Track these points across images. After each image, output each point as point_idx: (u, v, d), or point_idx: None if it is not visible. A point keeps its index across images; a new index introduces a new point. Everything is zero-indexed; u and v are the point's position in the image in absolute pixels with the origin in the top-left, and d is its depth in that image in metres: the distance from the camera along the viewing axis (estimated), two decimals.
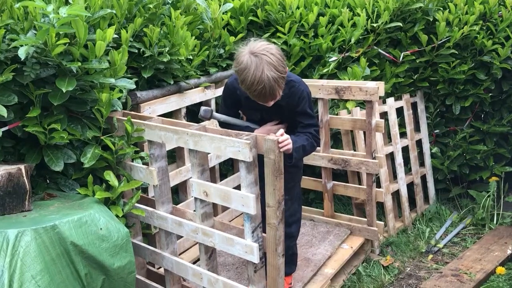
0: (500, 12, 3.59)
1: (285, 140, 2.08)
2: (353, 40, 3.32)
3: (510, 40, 3.51)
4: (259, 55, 2.07)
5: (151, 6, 2.65)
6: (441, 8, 3.55)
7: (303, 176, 3.32)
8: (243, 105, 2.41)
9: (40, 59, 2.05)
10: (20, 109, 2.09)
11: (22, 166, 1.97)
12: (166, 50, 2.65)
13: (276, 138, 1.97)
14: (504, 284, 2.79)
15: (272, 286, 2.10)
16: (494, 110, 3.85)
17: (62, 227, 1.80)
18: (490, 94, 3.73)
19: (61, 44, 1.99)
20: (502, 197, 3.68)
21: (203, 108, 2.41)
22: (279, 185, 1.96)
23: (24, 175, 1.96)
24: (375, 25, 3.38)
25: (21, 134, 2.10)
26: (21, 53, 1.88)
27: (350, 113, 3.25)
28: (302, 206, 3.37)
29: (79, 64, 2.08)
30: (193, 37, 2.84)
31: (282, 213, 2.02)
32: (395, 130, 3.53)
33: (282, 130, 2.13)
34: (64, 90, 2.02)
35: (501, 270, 2.89)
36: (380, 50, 3.47)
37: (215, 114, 2.44)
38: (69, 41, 2.06)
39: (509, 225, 3.46)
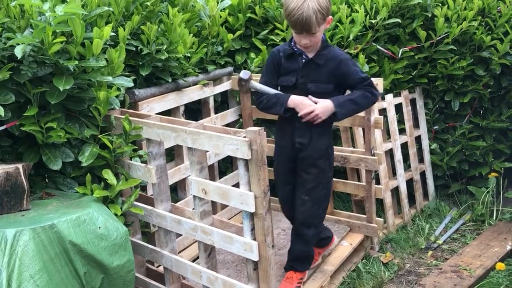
0: (498, 8, 3.58)
1: (311, 112, 2.25)
2: (351, 37, 3.31)
3: (508, 35, 3.50)
4: None
5: (148, 3, 2.64)
6: (440, 4, 3.54)
7: None
8: (282, 68, 2.38)
9: (37, 57, 2.04)
10: (17, 108, 2.09)
11: (20, 165, 1.96)
12: (164, 48, 2.64)
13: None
14: (504, 279, 2.79)
15: (264, 277, 2.09)
16: (493, 106, 3.85)
17: (61, 226, 1.80)
18: (489, 90, 3.73)
19: (57, 43, 1.98)
20: (501, 193, 3.68)
21: (244, 71, 2.41)
22: (263, 175, 1.97)
23: (22, 174, 1.96)
24: (373, 21, 3.37)
25: (18, 133, 2.09)
26: (18, 51, 1.87)
27: None
28: None
29: (76, 62, 2.07)
30: (191, 35, 2.83)
31: (268, 203, 2.01)
32: (394, 126, 3.53)
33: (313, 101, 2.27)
34: (61, 89, 2.01)
35: (500, 266, 2.89)
36: (378, 47, 3.46)
37: (252, 82, 2.41)
38: (66, 39, 2.05)
39: (509, 220, 3.46)
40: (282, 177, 2.53)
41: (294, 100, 2.31)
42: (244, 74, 2.39)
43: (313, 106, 2.29)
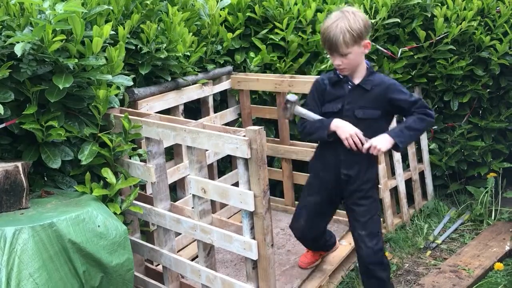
0: (498, 8, 3.58)
1: (370, 147, 2.20)
2: None
3: (508, 36, 3.50)
4: (344, 12, 2.18)
5: (148, 2, 2.64)
6: (439, 4, 3.54)
7: (300, 173, 3.34)
8: (326, 95, 2.32)
9: (37, 55, 2.04)
10: (16, 106, 2.08)
11: (19, 164, 1.96)
12: (164, 47, 2.64)
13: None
14: (502, 279, 2.80)
15: (263, 276, 2.09)
16: (492, 106, 3.85)
17: (60, 224, 1.79)
18: (488, 90, 3.73)
19: (57, 41, 1.98)
20: (500, 193, 3.68)
21: (291, 94, 2.36)
22: (263, 174, 1.96)
23: (21, 172, 1.95)
24: (373, 21, 3.37)
25: (18, 131, 2.09)
26: (18, 49, 1.87)
27: None
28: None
29: (76, 60, 2.07)
30: (191, 34, 2.83)
31: (268, 202, 2.01)
32: (393, 125, 3.52)
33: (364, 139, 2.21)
34: (61, 87, 2.01)
35: (499, 266, 2.89)
36: (378, 46, 3.46)
37: (298, 107, 2.34)
38: (65, 37, 2.05)
39: (507, 220, 3.46)
40: (314, 207, 2.44)
41: (337, 122, 2.24)
42: (291, 96, 2.33)
43: (369, 142, 2.21)
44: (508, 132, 3.90)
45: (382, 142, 2.21)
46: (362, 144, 2.21)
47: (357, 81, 2.27)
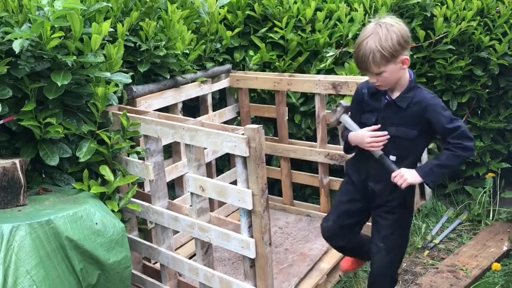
0: (497, 8, 3.58)
1: (397, 176, 2.07)
2: (350, 35, 3.31)
3: (507, 36, 3.50)
4: (378, 25, 2.01)
5: (147, 0, 2.63)
6: (439, 4, 3.54)
7: (299, 172, 3.34)
8: (364, 105, 2.19)
9: (35, 52, 2.03)
10: (15, 103, 2.08)
11: (17, 161, 1.96)
12: (162, 44, 2.63)
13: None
14: (499, 279, 2.80)
15: (260, 275, 2.09)
16: (491, 106, 3.85)
17: (57, 222, 1.79)
18: (487, 90, 3.73)
19: (56, 38, 1.97)
20: (498, 193, 3.68)
21: (346, 101, 2.27)
22: (261, 173, 1.96)
23: (18, 169, 1.95)
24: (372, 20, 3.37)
25: (16, 128, 2.08)
26: (16, 46, 1.87)
27: None
28: (300, 202, 3.39)
29: (75, 57, 2.06)
30: (190, 31, 2.82)
31: (266, 201, 2.00)
32: None
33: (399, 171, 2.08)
34: (59, 84, 2.01)
35: (496, 266, 2.89)
36: None
37: (344, 115, 2.24)
38: (64, 34, 2.04)
39: (505, 221, 3.47)
40: (343, 209, 2.32)
41: (351, 136, 2.17)
42: (344, 102, 2.27)
43: (399, 170, 2.09)
44: (506, 132, 3.90)
45: (410, 175, 2.06)
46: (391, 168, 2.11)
47: (395, 95, 2.11)
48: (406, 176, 2.06)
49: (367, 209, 2.30)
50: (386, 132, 2.10)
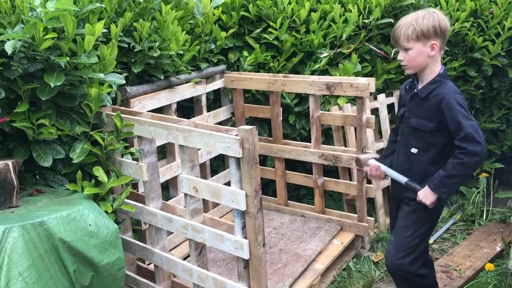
0: (490, 9, 3.60)
1: (421, 200, 2.11)
2: (344, 36, 3.31)
3: (500, 37, 3.52)
4: (423, 9, 2.12)
5: (141, 0, 2.63)
6: (433, 5, 3.55)
7: (293, 172, 3.34)
8: (401, 100, 2.30)
9: (28, 53, 2.03)
10: (7, 104, 2.07)
11: (9, 162, 1.95)
12: (157, 45, 2.63)
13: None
14: (492, 280, 2.81)
15: (254, 276, 2.09)
16: (485, 106, 3.87)
17: (50, 223, 1.79)
18: (481, 91, 3.75)
19: (49, 39, 1.97)
20: (491, 193, 3.70)
21: (373, 159, 2.34)
22: (255, 174, 1.96)
23: (11, 170, 1.94)
24: (366, 21, 3.38)
25: (8, 130, 2.07)
26: (8, 47, 1.86)
27: (341, 109, 3.25)
28: (294, 203, 3.39)
29: (68, 58, 2.06)
30: (184, 32, 2.82)
31: (260, 202, 2.01)
32: (386, 126, 3.54)
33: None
34: (52, 85, 2.00)
35: (490, 266, 2.91)
36: (371, 46, 3.47)
37: (381, 165, 2.31)
38: (57, 35, 2.03)
39: (499, 221, 3.48)
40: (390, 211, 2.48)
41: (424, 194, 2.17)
42: (372, 160, 2.35)
43: (418, 193, 2.12)
44: (500, 132, 3.92)
45: (425, 197, 2.09)
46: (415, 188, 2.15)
47: (419, 86, 2.16)
48: (424, 200, 2.10)
49: None
50: (375, 168, 2.29)
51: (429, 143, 2.12)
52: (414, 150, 2.17)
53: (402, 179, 2.21)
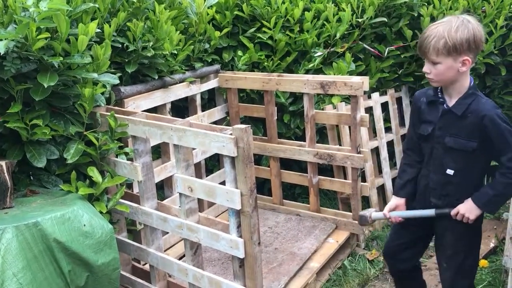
0: (483, 8, 3.62)
1: (458, 213, 2.00)
2: (338, 35, 3.32)
3: (493, 35, 3.54)
4: (455, 17, 1.91)
5: (134, 0, 2.62)
6: (426, 4, 3.57)
7: (288, 171, 3.35)
8: (421, 114, 2.07)
9: (21, 53, 2.02)
10: (0, 105, 2.06)
11: (3, 163, 1.94)
12: (150, 45, 2.63)
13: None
14: (487, 276, 2.83)
15: (250, 275, 2.10)
16: None
17: (45, 223, 1.78)
18: None
19: (42, 39, 1.96)
20: None
21: (373, 214, 2.24)
22: (250, 173, 1.96)
23: (5, 171, 1.94)
24: (360, 20, 3.39)
25: (2, 130, 2.06)
26: (1, 47, 1.85)
27: (335, 108, 3.26)
28: (289, 202, 3.39)
29: (61, 59, 2.05)
30: (178, 32, 2.82)
31: (255, 201, 2.01)
32: (380, 124, 3.55)
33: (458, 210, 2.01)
34: (45, 85, 1.99)
35: (484, 263, 2.92)
36: (365, 45, 3.48)
37: (375, 214, 2.24)
38: (50, 35, 2.03)
39: (492, 218, 3.50)
40: (397, 224, 2.23)
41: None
42: (374, 214, 2.24)
43: (456, 208, 2.02)
44: None
45: (469, 211, 1.98)
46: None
47: (452, 102, 1.97)
48: (467, 215, 1.99)
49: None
50: (396, 216, 2.14)
51: (469, 163, 1.97)
52: (450, 172, 2.00)
53: (429, 213, 2.09)
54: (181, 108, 3.21)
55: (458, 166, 1.99)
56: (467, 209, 1.99)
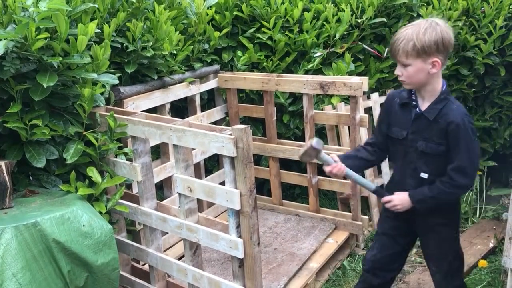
0: (482, 8, 3.62)
1: (390, 201, 2.08)
2: (337, 36, 3.32)
3: (492, 36, 3.54)
4: (425, 20, 1.94)
5: (134, 0, 2.62)
6: (425, 4, 3.57)
7: (288, 172, 3.35)
8: (393, 117, 2.09)
9: (20, 54, 2.02)
10: (0, 105, 2.06)
11: (2, 163, 1.94)
12: (150, 45, 2.63)
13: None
14: (486, 276, 2.83)
15: (249, 275, 2.10)
16: (477, 105, 3.89)
17: (44, 224, 1.78)
18: (473, 89, 3.77)
19: (41, 39, 1.96)
20: (484, 191, 3.72)
21: (316, 139, 2.10)
22: (249, 173, 1.96)
23: (4, 171, 1.93)
24: (359, 20, 3.39)
25: (1, 130, 2.06)
26: (0, 47, 1.85)
27: (335, 108, 3.26)
28: (289, 202, 3.39)
29: (60, 59, 2.05)
30: (177, 32, 2.82)
31: (254, 201, 2.01)
32: None
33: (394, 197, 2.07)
34: (45, 86, 1.99)
35: (483, 263, 2.92)
36: (364, 46, 3.48)
37: (321, 155, 2.11)
38: (49, 35, 2.03)
39: (492, 218, 3.51)
40: (382, 236, 2.25)
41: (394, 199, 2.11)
42: (316, 143, 2.08)
43: (390, 196, 2.09)
44: (492, 131, 3.95)
45: (402, 204, 2.06)
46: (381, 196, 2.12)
47: (425, 106, 2.00)
48: (399, 206, 2.07)
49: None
50: (339, 168, 2.08)
51: (440, 166, 2.00)
52: (424, 175, 2.03)
53: (370, 186, 2.17)
54: (181, 109, 3.21)
55: (431, 169, 2.02)
56: (401, 201, 2.07)
